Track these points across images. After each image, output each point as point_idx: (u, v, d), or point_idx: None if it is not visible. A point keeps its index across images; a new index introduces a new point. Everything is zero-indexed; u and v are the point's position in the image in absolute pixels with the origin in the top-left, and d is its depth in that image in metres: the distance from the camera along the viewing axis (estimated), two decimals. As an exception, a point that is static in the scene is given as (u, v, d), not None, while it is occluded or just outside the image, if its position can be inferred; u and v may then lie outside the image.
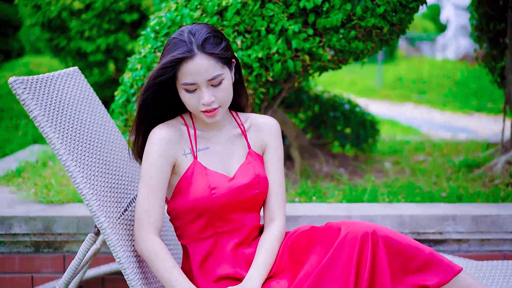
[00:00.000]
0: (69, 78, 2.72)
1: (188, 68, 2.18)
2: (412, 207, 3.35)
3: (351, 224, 2.17)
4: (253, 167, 2.38)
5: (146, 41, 3.66)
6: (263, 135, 2.45)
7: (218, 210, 2.30)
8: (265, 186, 2.38)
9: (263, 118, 2.50)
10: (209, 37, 2.20)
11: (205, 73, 2.18)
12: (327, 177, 4.25)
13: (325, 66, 3.61)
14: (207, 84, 2.21)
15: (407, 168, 4.47)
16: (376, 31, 3.40)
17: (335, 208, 3.30)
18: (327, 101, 4.71)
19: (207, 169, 2.32)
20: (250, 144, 2.43)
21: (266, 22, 3.37)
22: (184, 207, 2.31)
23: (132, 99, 3.59)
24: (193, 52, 2.17)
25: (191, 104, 2.25)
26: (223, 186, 2.29)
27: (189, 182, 2.30)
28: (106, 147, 2.68)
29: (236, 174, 2.35)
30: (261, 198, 2.39)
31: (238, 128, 2.44)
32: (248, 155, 2.41)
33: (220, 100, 2.24)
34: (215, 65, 2.19)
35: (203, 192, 2.28)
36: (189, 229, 2.36)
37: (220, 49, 2.21)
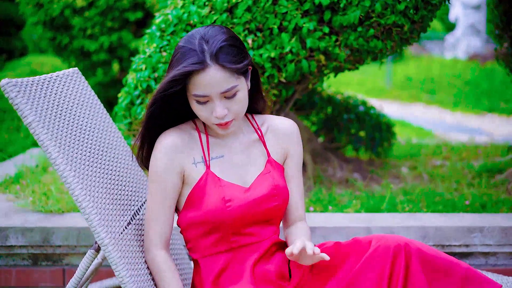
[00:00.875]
0: (68, 80, 2.53)
1: (199, 80, 1.98)
2: (436, 217, 3.13)
3: (381, 237, 2.02)
4: (272, 177, 2.17)
5: (151, 40, 3.45)
6: (284, 142, 2.25)
7: (233, 224, 2.11)
8: (285, 198, 2.18)
9: (280, 121, 2.28)
10: (224, 46, 1.98)
11: (218, 85, 1.98)
12: (341, 183, 4.05)
13: (341, 66, 3.40)
14: (220, 96, 2.01)
15: (424, 174, 4.26)
16: (396, 29, 3.19)
17: (353, 219, 3.09)
18: (340, 103, 4.50)
19: (221, 180, 2.12)
20: (269, 151, 2.22)
21: (278, 19, 3.16)
22: (196, 220, 2.13)
23: (136, 101, 3.39)
24: (205, 63, 1.96)
25: (203, 115, 2.07)
26: (239, 198, 2.10)
27: (201, 193, 2.12)
28: (108, 155, 2.48)
29: (253, 185, 2.15)
30: (280, 210, 2.19)
31: (255, 133, 2.23)
32: (267, 163, 2.20)
33: (234, 113, 2.05)
34: (230, 77, 1.98)
35: (217, 204, 2.09)
36: (201, 243, 2.17)
37: (236, 60, 2.00)
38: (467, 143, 5.51)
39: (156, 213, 2.15)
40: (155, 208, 2.15)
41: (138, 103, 3.38)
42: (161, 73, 3.30)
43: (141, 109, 3.35)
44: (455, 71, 13.52)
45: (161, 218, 2.14)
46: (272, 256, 2.19)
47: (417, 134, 8.08)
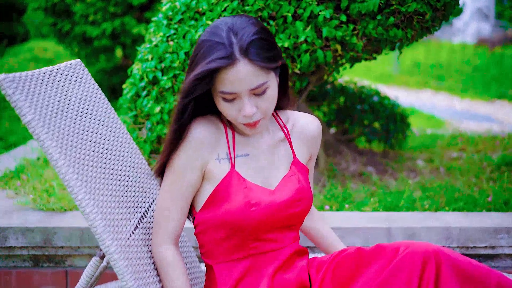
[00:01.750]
0: (70, 73, 2.37)
1: (227, 76, 1.79)
2: (458, 216, 2.97)
3: (409, 244, 1.87)
4: (298, 179, 2.01)
5: (157, 28, 3.28)
6: (311, 144, 2.09)
7: (255, 229, 1.95)
8: (309, 202, 2.02)
9: (306, 120, 2.10)
10: (255, 40, 1.79)
11: (248, 82, 1.80)
12: (355, 176, 3.88)
13: (358, 56, 3.22)
14: (249, 94, 1.83)
15: (441, 167, 4.09)
16: (417, 17, 3.01)
17: (371, 219, 2.92)
18: (353, 93, 4.32)
19: (246, 181, 1.95)
20: (295, 151, 2.05)
21: (293, 7, 2.98)
22: (215, 222, 1.96)
23: (142, 93, 3.22)
24: (233, 57, 1.77)
25: (229, 114, 1.89)
26: (264, 202, 1.93)
27: (225, 194, 1.95)
28: (113, 153, 2.32)
29: (278, 188, 1.99)
30: (303, 215, 2.03)
31: (281, 131, 2.06)
32: (292, 165, 2.03)
33: (264, 111, 1.87)
34: (260, 73, 1.80)
35: (241, 207, 1.92)
36: (217, 248, 2.01)
37: (267, 55, 1.81)
38: (483, 133, 5.33)
39: (169, 208, 2.00)
40: (169, 202, 2.00)
41: (144, 95, 3.22)
42: (167, 63, 3.13)
43: (147, 101, 3.19)
44: (464, 57, 13.29)
45: (174, 215, 2.00)
46: (292, 265, 2.03)
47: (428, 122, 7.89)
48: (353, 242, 2.79)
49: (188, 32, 3.13)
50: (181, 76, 3.11)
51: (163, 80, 3.14)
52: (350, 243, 2.78)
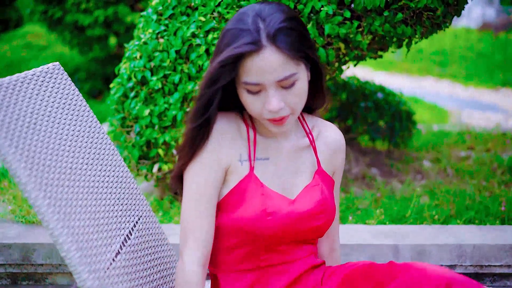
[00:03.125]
0: (47, 78, 2.14)
1: (252, 64, 1.59)
2: (471, 231, 2.75)
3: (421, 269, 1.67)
4: (321, 190, 1.79)
5: (146, 24, 3.04)
6: (334, 157, 1.88)
7: (269, 240, 1.74)
8: (332, 216, 1.81)
9: (333, 130, 1.89)
10: (284, 27, 1.60)
11: (275, 72, 1.59)
12: (358, 179, 3.66)
13: (363, 55, 2.98)
14: (276, 86, 1.62)
15: (449, 168, 3.87)
16: (428, 13, 2.77)
17: (377, 233, 2.70)
18: (356, 89, 4.08)
19: (264, 187, 1.74)
20: (320, 160, 1.84)
21: (293, 2, 2.75)
22: (227, 228, 1.75)
23: (130, 94, 2.99)
24: (260, 44, 1.58)
25: (254, 109, 1.67)
26: (282, 212, 1.73)
27: (240, 198, 1.74)
28: (94, 169, 2.10)
29: (299, 197, 1.78)
30: (323, 230, 1.82)
31: (306, 137, 1.84)
32: (316, 174, 1.82)
33: (292, 107, 1.65)
34: (288, 62, 1.60)
35: (256, 215, 1.71)
36: (225, 256, 1.81)
37: (296, 43, 1.61)
38: (492, 130, 5.09)
39: (195, 218, 1.75)
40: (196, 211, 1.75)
41: (132, 96, 2.98)
42: (157, 62, 2.89)
43: (135, 103, 2.95)
44: (467, 42, 13.01)
45: (203, 224, 1.75)
46: (305, 282, 1.82)
47: (431, 112, 7.66)
48: (357, 260, 2.57)
49: (179, 29, 2.89)
50: (171, 77, 2.88)
51: (152, 80, 2.90)
52: (354, 260, 2.56)
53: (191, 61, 2.87)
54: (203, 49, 2.83)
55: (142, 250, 2.15)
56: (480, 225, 2.90)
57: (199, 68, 2.85)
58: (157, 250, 2.26)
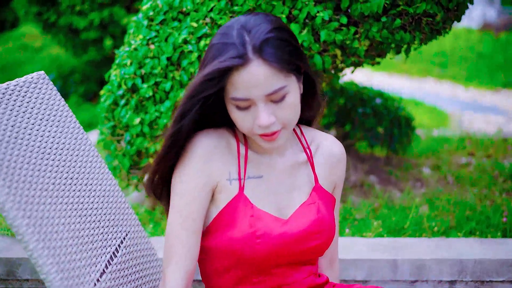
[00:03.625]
0: (30, 89, 2.07)
1: (239, 78, 1.52)
2: (472, 244, 2.66)
3: None
4: (318, 208, 1.71)
5: (137, 29, 2.95)
6: (335, 170, 1.80)
7: (261, 263, 1.66)
8: (330, 235, 1.72)
9: (332, 143, 1.81)
10: (271, 38, 1.53)
11: (263, 85, 1.52)
12: (356, 187, 3.58)
13: (360, 62, 2.90)
14: (265, 100, 1.54)
15: (449, 176, 3.78)
16: (427, 19, 2.68)
17: (375, 247, 2.61)
18: (354, 95, 3.99)
19: (254, 208, 1.66)
20: (317, 176, 1.75)
21: (287, 7, 2.66)
22: (219, 250, 1.68)
23: (120, 102, 2.90)
24: (246, 57, 1.51)
25: (244, 125, 1.59)
26: (273, 233, 1.64)
27: (230, 220, 1.66)
28: (79, 184, 2.02)
29: (293, 217, 1.69)
30: (322, 250, 1.74)
31: (304, 152, 1.76)
32: (313, 191, 1.74)
33: (283, 121, 1.58)
34: (277, 75, 1.53)
35: (245, 238, 1.63)
36: (219, 279, 1.74)
37: (285, 54, 1.54)
38: (493, 135, 5.00)
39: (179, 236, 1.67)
40: (179, 235, 1.67)
41: (123, 104, 2.89)
42: (148, 69, 2.80)
43: (125, 111, 2.86)
44: (468, 43, 12.92)
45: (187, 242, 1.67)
46: None
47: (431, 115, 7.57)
48: (354, 275, 2.49)
49: (170, 35, 2.80)
50: (162, 84, 2.79)
51: (143, 88, 2.81)
52: (351, 276, 2.48)
53: (182, 68, 2.78)
54: (195, 56, 2.74)
55: (129, 267, 2.07)
56: (481, 237, 2.81)
57: (191, 76, 2.77)
58: (146, 267, 2.18)
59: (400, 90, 9.31)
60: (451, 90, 10.19)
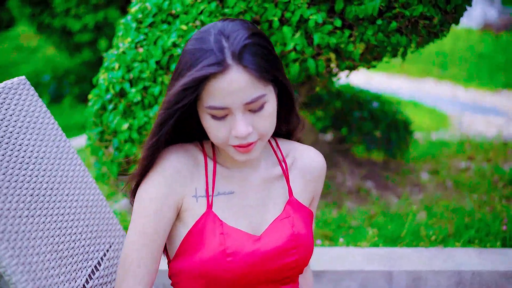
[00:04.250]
0: (10, 95, 2.00)
1: (218, 86, 1.43)
2: (471, 254, 2.57)
3: None
4: (292, 222, 1.61)
5: (126, 32, 2.86)
6: (314, 183, 1.71)
7: (232, 282, 1.56)
8: (308, 250, 1.63)
9: (310, 155, 1.71)
10: (249, 44, 1.45)
11: (242, 94, 1.44)
12: (352, 193, 3.49)
13: (355, 65, 2.81)
14: (244, 109, 1.46)
15: (448, 181, 3.69)
16: (424, 21, 2.59)
17: (370, 257, 2.53)
18: (351, 98, 3.90)
19: (223, 225, 1.57)
20: (292, 189, 1.67)
21: (280, 10, 2.57)
22: (190, 273, 1.58)
23: (108, 106, 2.81)
24: (225, 64, 1.42)
25: (218, 136, 1.49)
26: (244, 251, 1.55)
27: (199, 240, 1.57)
28: (60, 194, 1.93)
29: (266, 233, 1.59)
30: (300, 266, 1.63)
31: (279, 165, 1.67)
32: (287, 205, 1.64)
33: (261, 132, 1.49)
34: (256, 83, 1.45)
35: (215, 257, 1.54)
36: None
37: (264, 62, 1.46)
38: (492, 139, 4.91)
39: (139, 254, 1.58)
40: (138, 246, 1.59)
41: (111, 109, 2.81)
42: (136, 73, 2.72)
43: (113, 117, 2.78)
44: (468, 43, 12.82)
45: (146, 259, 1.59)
46: None
47: (431, 117, 7.47)
48: (348, 287, 2.40)
49: (159, 38, 2.72)
50: (151, 88, 2.71)
51: (131, 92, 2.73)
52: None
53: (172, 72, 2.70)
54: (185, 60, 2.65)
55: (113, 281, 1.99)
56: (481, 246, 2.72)
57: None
58: (130, 280, 2.10)
59: (399, 91, 9.23)
60: (451, 91, 10.09)
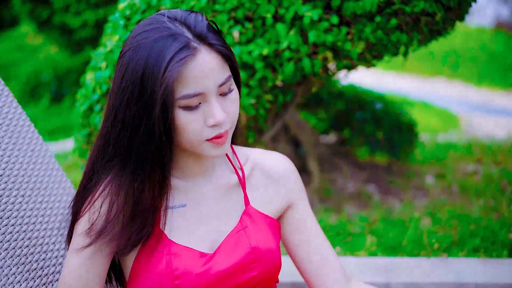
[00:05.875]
0: (-19, 96, 1.88)
1: (189, 71, 1.29)
2: (475, 267, 2.42)
3: None
4: (248, 234, 1.47)
5: (114, 30, 2.74)
6: (280, 189, 1.56)
7: None
8: (272, 263, 1.47)
9: (270, 157, 1.59)
10: (208, 24, 1.34)
11: (215, 74, 1.33)
12: (353, 197, 3.35)
13: (353, 64, 2.67)
14: (217, 93, 1.34)
15: (454, 185, 3.55)
16: (426, 18, 2.45)
17: (367, 267, 2.39)
18: (353, 99, 3.76)
19: (172, 244, 1.42)
20: (250, 198, 1.52)
21: (273, 6, 2.44)
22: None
23: (95, 107, 2.69)
24: (192, 46, 1.29)
25: (194, 129, 1.34)
26: (194, 272, 1.40)
27: (148, 260, 1.42)
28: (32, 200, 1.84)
29: (219, 250, 1.44)
30: (265, 281, 1.47)
31: (235, 174, 1.53)
32: (243, 215, 1.49)
33: (232, 118, 1.38)
34: (224, 63, 1.35)
35: (162, 281, 1.39)
36: None
37: (224, 41, 1.36)
38: (502, 141, 4.74)
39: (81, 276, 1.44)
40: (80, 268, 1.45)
41: (98, 110, 2.68)
42: (124, 73, 2.59)
43: (100, 118, 2.66)
44: (480, 42, 12.61)
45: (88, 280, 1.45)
46: None
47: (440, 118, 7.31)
48: (342, 300, 2.26)
49: (148, 36, 2.59)
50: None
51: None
52: (339, 301, 2.26)
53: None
54: (174, 59, 2.53)
55: (88, 294, 1.87)
56: (486, 255, 2.58)
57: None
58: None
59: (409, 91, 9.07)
60: (462, 91, 9.91)
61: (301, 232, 1.57)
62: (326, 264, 1.57)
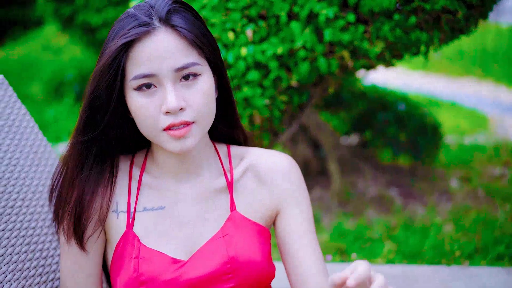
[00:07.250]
0: (-15, 96, 1.85)
1: (143, 50, 1.26)
2: (499, 276, 2.32)
3: None
4: (227, 242, 1.36)
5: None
6: (274, 193, 1.44)
7: None
8: (251, 275, 1.36)
9: (266, 157, 1.47)
10: (176, 7, 1.31)
11: (172, 56, 1.26)
12: (374, 201, 3.26)
13: (372, 64, 2.58)
14: (174, 79, 1.27)
15: (480, 189, 3.43)
16: (446, 16, 2.34)
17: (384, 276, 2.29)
18: (375, 99, 3.66)
19: (142, 247, 1.35)
20: (237, 203, 1.42)
21: (287, 4, 2.37)
22: None
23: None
24: (151, 25, 1.27)
25: (148, 116, 1.28)
26: (161, 278, 1.33)
27: (119, 263, 1.37)
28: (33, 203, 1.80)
29: (194, 257, 1.36)
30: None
31: (223, 176, 1.44)
32: (227, 221, 1.40)
33: (195, 109, 1.28)
34: (188, 48, 1.29)
35: (129, 284, 1.34)
36: None
37: (194, 28, 1.31)
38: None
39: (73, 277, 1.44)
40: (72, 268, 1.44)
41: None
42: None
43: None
44: (512, 41, 12.38)
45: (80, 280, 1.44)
46: None
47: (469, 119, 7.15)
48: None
49: (160, 35, 2.53)
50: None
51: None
52: (353, 311, 2.17)
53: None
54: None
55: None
56: (510, 264, 2.47)
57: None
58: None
59: (437, 91, 8.91)
60: (493, 92, 9.70)
61: (286, 243, 1.43)
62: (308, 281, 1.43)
